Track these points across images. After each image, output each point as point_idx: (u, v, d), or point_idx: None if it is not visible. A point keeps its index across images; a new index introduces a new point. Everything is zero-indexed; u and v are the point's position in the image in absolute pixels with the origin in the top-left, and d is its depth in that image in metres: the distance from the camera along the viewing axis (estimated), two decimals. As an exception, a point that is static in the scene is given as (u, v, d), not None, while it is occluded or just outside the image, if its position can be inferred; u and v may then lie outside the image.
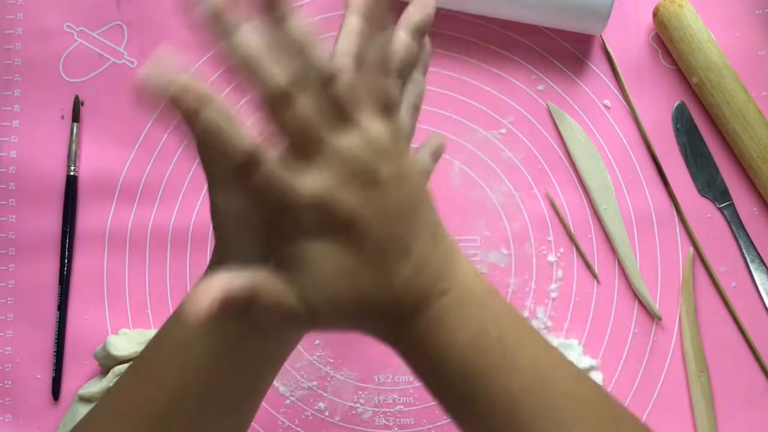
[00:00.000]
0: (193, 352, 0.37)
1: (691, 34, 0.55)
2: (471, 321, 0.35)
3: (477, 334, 0.35)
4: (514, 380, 0.35)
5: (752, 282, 0.55)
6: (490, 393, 0.35)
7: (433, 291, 0.35)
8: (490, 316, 0.36)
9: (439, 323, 0.35)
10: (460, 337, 0.35)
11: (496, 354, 0.35)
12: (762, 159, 0.54)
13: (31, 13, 0.60)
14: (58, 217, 0.57)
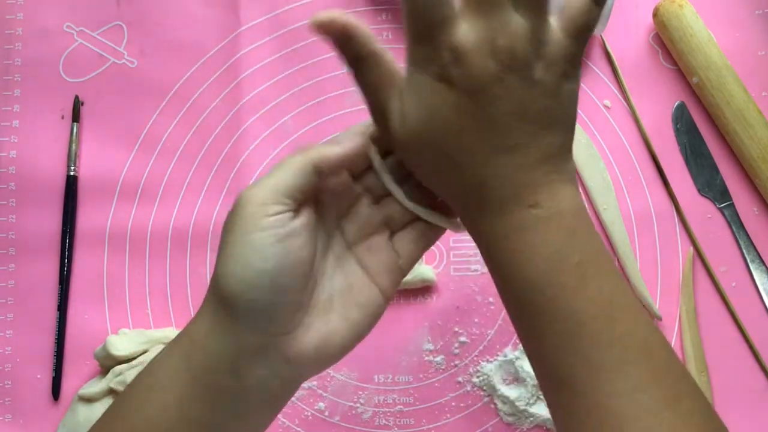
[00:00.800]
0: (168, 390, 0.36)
1: (691, 34, 0.55)
2: (555, 241, 0.35)
3: (557, 254, 0.35)
4: (585, 306, 0.35)
5: (752, 282, 0.55)
6: (559, 312, 0.35)
7: (522, 197, 0.35)
8: (576, 244, 0.35)
9: (523, 232, 0.35)
10: (540, 251, 0.35)
11: (572, 277, 0.35)
12: (762, 159, 0.54)
13: (31, 13, 0.60)
14: (58, 217, 0.57)
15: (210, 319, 0.35)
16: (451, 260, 0.56)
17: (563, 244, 0.36)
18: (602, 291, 0.35)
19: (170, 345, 0.37)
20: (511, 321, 0.38)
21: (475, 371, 0.55)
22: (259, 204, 0.34)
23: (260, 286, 0.34)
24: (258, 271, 0.34)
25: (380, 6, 0.59)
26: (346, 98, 0.58)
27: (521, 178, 0.35)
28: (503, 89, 0.34)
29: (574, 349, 0.35)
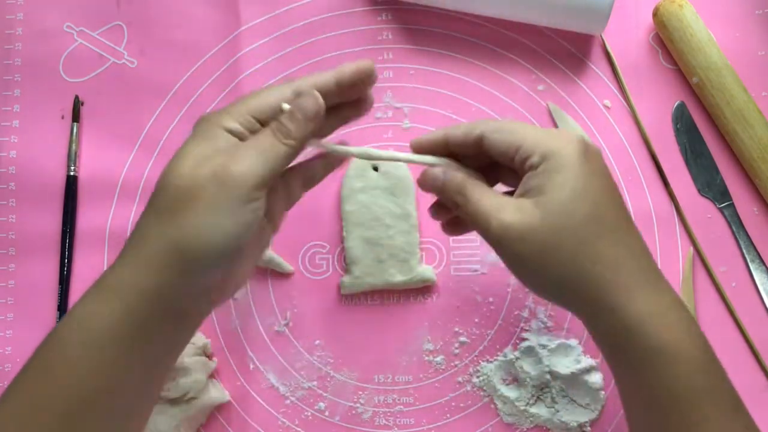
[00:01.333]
0: (101, 342, 0.38)
1: (691, 34, 0.55)
2: (696, 324, 0.41)
3: (704, 337, 0.41)
4: (733, 390, 0.41)
5: (752, 282, 0.55)
6: (723, 393, 0.40)
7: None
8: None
9: (678, 307, 0.41)
10: (696, 329, 0.41)
11: (719, 362, 0.41)
12: (762, 159, 0.54)
13: (31, 13, 0.60)
14: (58, 217, 0.57)
15: (161, 272, 0.38)
16: (451, 260, 0.56)
17: (697, 324, 0.41)
18: (728, 377, 0.41)
19: (102, 296, 0.39)
20: (643, 426, 0.41)
21: (475, 371, 0.55)
22: (248, 187, 0.38)
23: (230, 249, 0.39)
24: (233, 237, 0.38)
25: (380, 6, 0.59)
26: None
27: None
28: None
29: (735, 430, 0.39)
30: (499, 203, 0.41)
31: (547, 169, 0.40)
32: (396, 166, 0.56)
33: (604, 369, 0.54)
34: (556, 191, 0.40)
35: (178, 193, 0.38)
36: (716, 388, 0.40)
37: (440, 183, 0.43)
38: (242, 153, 0.39)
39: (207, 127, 0.40)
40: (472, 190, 0.42)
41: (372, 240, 0.55)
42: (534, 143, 0.41)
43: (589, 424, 0.53)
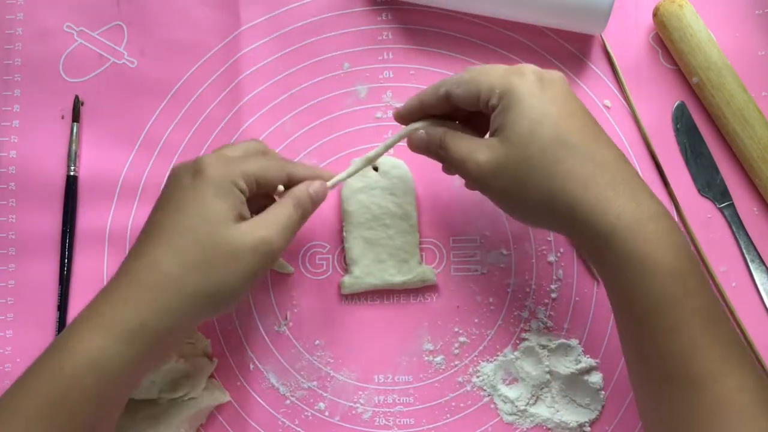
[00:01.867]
0: (114, 383, 0.42)
1: (691, 34, 0.55)
2: (678, 232, 0.42)
3: (687, 246, 0.42)
4: (715, 300, 0.42)
5: (752, 282, 0.55)
6: (700, 303, 0.41)
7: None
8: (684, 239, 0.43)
9: (657, 219, 0.42)
10: (674, 239, 0.42)
11: (699, 268, 0.42)
12: (762, 159, 0.54)
13: (31, 13, 0.60)
14: (58, 217, 0.57)
15: (186, 316, 0.43)
16: (451, 260, 0.56)
17: (682, 235, 0.42)
18: (711, 289, 0.42)
19: (116, 338, 0.42)
20: (627, 332, 0.43)
21: (475, 371, 0.55)
22: (277, 256, 0.46)
23: (246, 292, 0.47)
24: (252, 286, 0.47)
25: (380, 6, 0.59)
26: (346, 98, 0.58)
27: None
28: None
29: (709, 342, 0.40)
30: (473, 147, 0.46)
31: (506, 106, 0.44)
32: (396, 166, 0.56)
33: (604, 369, 0.54)
34: (515, 125, 0.43)
35: (226, 256, 0.43)
36: (694, 298, 0.41)
37: (424, 142, 0.48)
38: (274, 226, 0.45)
39: (222, 181, 0.44)
40: (450, 140, 0.47)
41: (372, 240, 0.55)
42: (490, 86, 0.45)
43: (589, 424, 0.53)
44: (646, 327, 0.41)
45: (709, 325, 0.40)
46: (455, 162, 0.46)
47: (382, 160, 0.56)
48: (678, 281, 0.40)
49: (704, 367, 0.39)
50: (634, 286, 0.41)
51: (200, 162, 0.45)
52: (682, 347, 0.40)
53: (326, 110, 0.58)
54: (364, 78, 0.59)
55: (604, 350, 0.54)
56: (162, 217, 0.45)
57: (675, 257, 0.41)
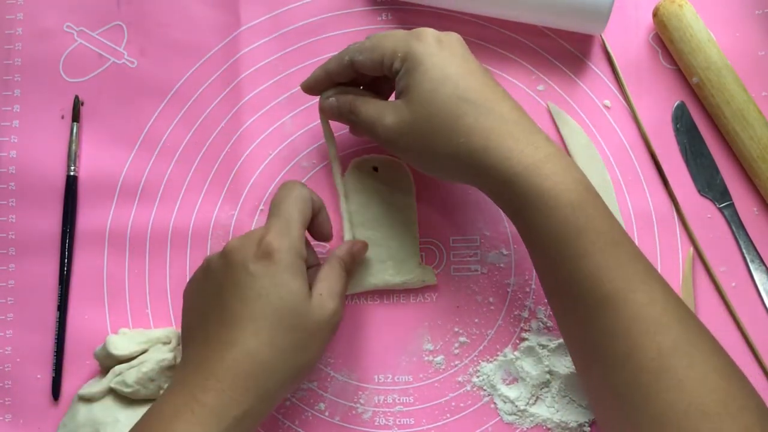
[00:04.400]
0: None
1: (691, 34, 0.55)
2: (575, 167, 0.46)
3: (584, 178, 0.46)
4: (614, 224, 0.45)
5: (752, 282, 0.55)
6: (599, 228, 0.43)
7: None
8: (581, 173, 0.46)
9: (553, 159, 0.45)
10: (572, 175, 0.45)
11: (598, 199, 0.45)
12: (762, 159, 0.54)
13: (31, 13, 0.60)
14: (58, 217, 0.57)
15: (279, 398, 0.46)
16: (451, 260, 0.56)
17: (579, 171, 0.45)
18: (612, 215, 0.45)
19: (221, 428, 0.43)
20: (540, 265, 0.46)
21: (475, 371, 0.55)
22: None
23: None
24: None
25: (380, 6, 0.59)
26: (346, 98, 0.59)
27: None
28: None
29: (615, 263, 0.43)
30: (380, 110, 0.48)
31: (408, 68, 0.47)
32: (395, 167, 0.56)
33: (604, 369, 0.54)
34: (418, 85, 0.46)
35: (304, 335, 0.45)
36: (593, 226, 0.43)
37: (335, 107, 0.51)
38: (337, 296, 0.47)
39: (293, 261, 0.45)
40: (360, 105, 0.49)
41: (372, 240, 0.55)
42: (392, 50, 0.47)
43: (589, 424, 0.53)
44: (555, 257, 0.44)
45: (613, 249, 0.43)
46: (365, 125, 0.49)
47: (383, 160, 0.56)
48: (578, 212, 0.43)
49: (613, 287, 0.42)
50: (539, 221, 0.44)
51: (268, 243, 0.45)
52: (589, 272, 0.43)
53: (326, 110, 0.58)
54: (364, 78, 0.59)
55: (604, 350, 0.54)
56: (240, 307, 0.44)
57: (573, 190, 0.44)
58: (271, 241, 0.45)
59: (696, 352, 0.41)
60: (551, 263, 0.45)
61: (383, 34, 0.49)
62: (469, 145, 0.45)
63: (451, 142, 0.45)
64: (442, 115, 0.45)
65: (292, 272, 0.45)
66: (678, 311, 0.43)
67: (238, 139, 0.58)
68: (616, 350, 0.42)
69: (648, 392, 0.40)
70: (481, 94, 0.46)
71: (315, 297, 0.46)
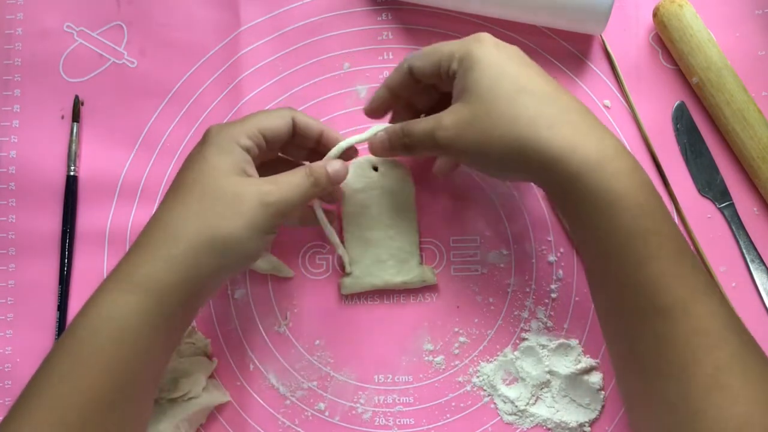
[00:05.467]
0: (134, 336, 0.41)
1: (691, 34, 0.55)
2: (641, 171, 0.44)
3: (649, 183, 0.44)
4: (679, 233, 0.43)
5: (752, 282, 0.55)
6: (668, 234, 0.42)
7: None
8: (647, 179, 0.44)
9: (617, 159, 0.43)
10: (638, 176, 0.44)
11: (663, 205, 0.44)
12: (762, 159, 0.54)
13: (31, 13, 0.60)
14: (58, 217, 0.57)
15: (197, 269, 0.43)
16: (451, 260, 0.56)
17: (644, 172, 0.44)
18: (675, 222, 0.43)
19: (132, 292, 0.42)
20: (596, 267, 0.44)
21: (475, 371, 0.55)
22: (282, 213, 0.46)
23: (258, 255, 0.47)
24: (263, 248, 0.47)
25: (380, 6, 0.59)
26: (345, 98, 0.58)
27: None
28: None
29: (679, 271, 0.41)
30: (436, 119, 0.47)
31: (466, 68, 0.46)
32: (395, 166, 0.56)
33: (604, 369, 0.54)
34: (475, 82, 0.45)
35: (224, 203, 0.44)
36: (660, 232, 0.42)
37: (386, 141, 0.50)
38: (282, 184, 0.46)
39: (222, 140, 0.46)
40: (411, 125, 0.48)
41: (372, 240, 0.55)
42: (449, 53, 0.47)
43: (589, 424, 0.53)
44: (617, 261, 0.42)
45: (677, 257, 0.42)
46: (422, 139, 0.47)
47: (382, 160, 0.56)
48: (646, 215, 0.42)
49: (675, 296, 0.41)
50: (605, 221, 0.42)
51: (206, 131, 0.47)
52: (652, 278, 0.41)
53: (326, 110, 0.58)
54: (364, 78, 0.59)
55: (604, 350, 0.54)
56: (173, 183, 0.46)
57: (642, 192, 0.42)
58: (211, 127, 0.47)
59: (751, 369, 0.40)
60: (610, 266, 0.43)
61: (440, 43, 0.49)
62: (531, 135, 0.43)
63: (513, 134, 0.44)
64: (502, 108, 0.44)
65: (217, 150, 0.45)
66: (736, 325, 0.41)
67: (238, 139, 0.58)
68: (671, 361, 0.40)
69: (701, 407, 0.39)
70: (541, 85, 0.45)
71: (250, 177, 0.46)
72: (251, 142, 0.47)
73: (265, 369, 0.55)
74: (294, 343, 0.56)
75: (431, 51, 0.48)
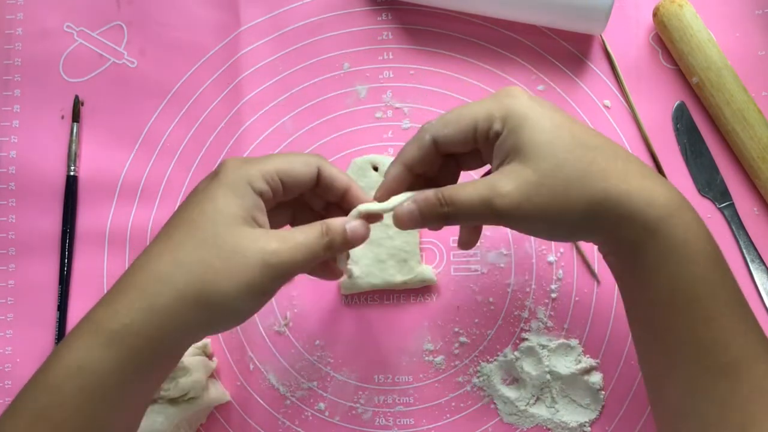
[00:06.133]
0: (104, 389, 0.38)
1: (691, 34, 0.55)
2: (701, 224, 0.42)
3: (711, 237, 0.42)
4: (740, 291, 0.42)
5: (752, 282, 0.55)
6: (732, 294, 0.41)
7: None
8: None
9: (682, 212, 0.41)
10: (700, 231, 0.42)
11: (723, 259, 0.42)
12: (762, 159, 0.54)
13: (31, 13, 0.60)
14: (58, 217, 0.57)
15: (180, 323, 0.38)
16: (451, 260, 0.56)
17: (704, 224, 0.42)
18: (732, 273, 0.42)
19: (105, 342, 0.38)
20: (654, 323, 0.42)
21: (475, 371, 0.55)
22: (286, 276, 0.40)
23: (250, 315, 0.41)
24: (257, 309, 0.41)
25: (380, 6, 0.59)
26: (345, 98, 0.59)
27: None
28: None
29: (743, 328, 0.40)
30: (488, 184, 0.41)
31: (513, 127, 0.41)
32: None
33: (604, 369, 0.54)
34: (534, 140, 0.41)
35: (222, 256, 0.39)
36: (727, 285, 0.41)
37: (416, 212, 0.42)
38: (290, 243, 0.40)
39: (236, 181, 0.40)
40: (453, 192, 0.42)
41: (372, 240, 0.55)
42: (488, 113, 0.42)
43: (589, 424, 0.53)
44: (683, 316, 0.40)
45: (741, 312, 0.41)
46: (472, 209, 0.41)
47: (382, 160, 0.56)
48: (717, 268, 0.41)
49: (740, 354, 0.40)
50: (678, 274, 0.40)
51: (221, 164, 0.42)
52: (719, 335, 0.40)
53: (326, 110, 0.58)
54: (364, 78, 0.59)
55: (604, 350, 0.54)
56: (172, 217, 0.41)
57: (710, 244, 0.41)
58: (226, 161, 0.42)
59: None
60: (673, 321, 0.41)
61: (463, 105, 0.44)
62: (609, 191, 0.40)
63: (588, 191, 0.40)
64: (572, 164, 0.40)
65: (226, 191, 0.40)
66: None
67: (238, 139, 0.58)
68: (730, 421, 0.39)
69: None
70: (596, 138, 0.42)
71: (258, 230, 0.40)
72: (267, 186, 0.41)
73: (265, 369, 0.55)
74: (294, 343, 0.56)
75: (458, 117, 0.43)
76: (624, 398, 0.54)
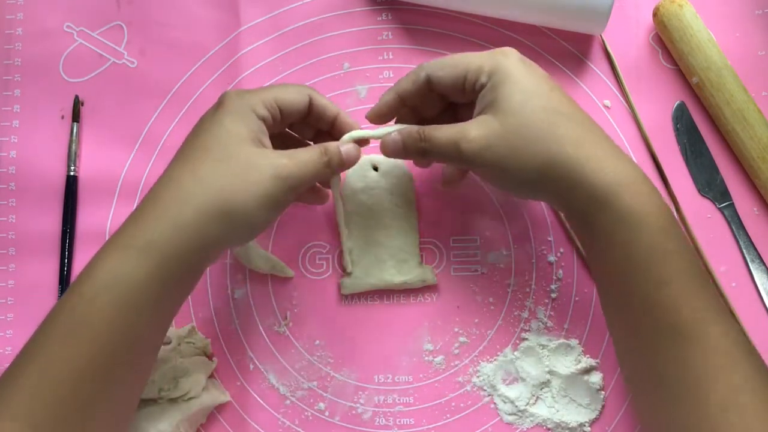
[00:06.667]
0: (136, 300, 0.41)
1: (691, 34, 0.55)
2: (657, 194, 0.45)
3: (666, 206, 0.44)
4: (696, 255, 0.44)
5: (752, 282, 0.55)
6: (687, 257, 0.43)
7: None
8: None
9: (640, 184, 0.44)
10: (657, 199, 0.44)
11: (678, 226, 0.44)
12: (762, 159, 0.54)
13: (31, 13, 0.60)
14: (58, 217, 0.57)
15: (201, 236, 0.42)
16: (451, 260, 0.56)
17: (661, 196, 0.44)
18: (690, 244, 0.46)
19: (133, 257, 0.41)
20: (614, 289, 0.45)
21: (475, 371, 0.55)
22: (296, 187, 0.45)
23: (265, 228, 0.46)
24: (271, 221, 0.48)
25: (380, 6, 0.59)
26: (346, 98, 0.59)
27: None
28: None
29: (696, 293, 0.42)
30: (460, 128, 0.46)
31: (496, 82, 0.46)
32: (396, 166, 0.56)
33: (604, 369, 0.54)
34: (508, 96, 0.45)
35: (237, 172, 0.43)
36: (679, 252, 0.43)
37: (400, 142, 0.48)
38: (296, 159, 0.45)
39: (240, 107, 0.45)
40: (431, 131, 0.47)
41: (372, 240, 0.55)
42: (478, 65, 0.47)
43: (589, 424, 0.53)
44: (638, 281, 0.43)
45: (695, 278, 0.43)
46: (444, 147, 0.46)
47: (382, 160, 0.56)
48: (668, 236, 0.43)
49: (693, 317, 0.41)
50: (628, 241, 0.43)
51: (223, 95, 0.46)
52: (671, 299, 0.42)
53: (326, 110, 0.58)
54: (364, 78, 0.59)
55: (604, 350, 0.54)
56: (183, 145, 0.46)
57: (662, 214, 0.43)
58: (227, 93, 0.46)
59: (764, 389, 0.40)
60: (630, 286, 0.43)
61: (462, 54, 0.48)
62: (564, 154, 0.44)
63: (544, 151, 0.44)
64: (536, 125, 0.44)
65: (233, 116, 0.45)
66: (747, 347, 0.42)
67: (238, 139, 0.58)
68: (688, 380, 0.41)
69: (717, 427, 0.39)
70: (569, 107, 0.46)
71: (265, 149, 0.45)
72: (268, 112, 0.46)
73: (265, 369, 0.55)
74: (294, 343, 0.56)
75: (455, 63, 0.48)
76: (624, 398, 0.54)
